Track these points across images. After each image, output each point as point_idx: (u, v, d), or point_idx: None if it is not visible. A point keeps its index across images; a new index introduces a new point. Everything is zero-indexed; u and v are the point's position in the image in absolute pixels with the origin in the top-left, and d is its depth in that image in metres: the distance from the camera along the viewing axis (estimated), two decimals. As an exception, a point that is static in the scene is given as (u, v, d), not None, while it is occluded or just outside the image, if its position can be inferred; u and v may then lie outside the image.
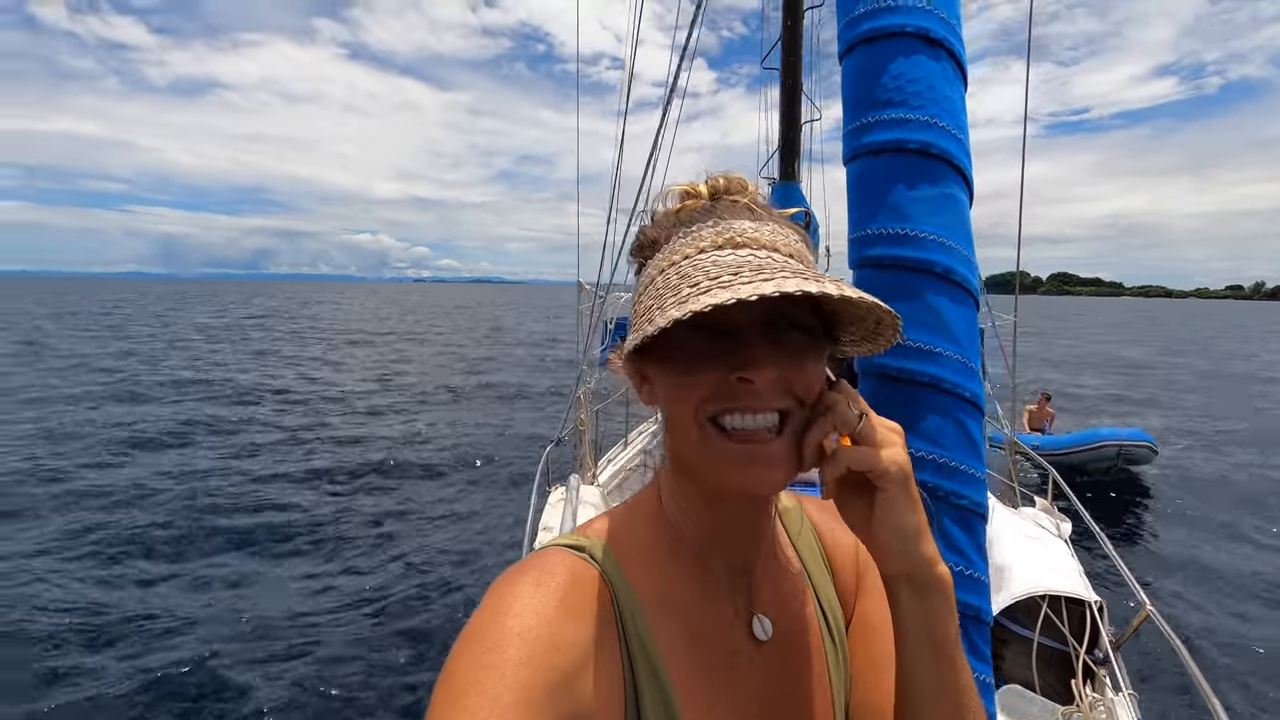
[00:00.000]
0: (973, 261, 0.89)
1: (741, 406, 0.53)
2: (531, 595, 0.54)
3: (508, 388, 19.60)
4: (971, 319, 0.87)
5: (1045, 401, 12.28)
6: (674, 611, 0.62)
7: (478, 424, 14.61)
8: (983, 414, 0.86)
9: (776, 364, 0.53)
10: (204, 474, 10.22)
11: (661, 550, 0.64)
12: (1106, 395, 19.75)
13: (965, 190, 0.91)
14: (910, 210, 0.88)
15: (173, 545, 7.66)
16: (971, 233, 0.90)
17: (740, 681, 0.63)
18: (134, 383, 18.39)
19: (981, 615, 0.78)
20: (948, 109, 0.91)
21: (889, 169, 0.90)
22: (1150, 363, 30.16)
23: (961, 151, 0.90)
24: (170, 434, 12.68)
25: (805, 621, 0.71)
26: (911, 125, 0.89)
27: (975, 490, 0.80)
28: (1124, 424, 11.92)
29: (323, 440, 12.65)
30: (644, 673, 0.58)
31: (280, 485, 9.91)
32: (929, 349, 0.82)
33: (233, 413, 14.86)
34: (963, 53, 0.95)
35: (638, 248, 0.65)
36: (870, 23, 0.94)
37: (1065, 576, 2.89)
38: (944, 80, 0.91)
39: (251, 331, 38.59)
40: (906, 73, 0.91)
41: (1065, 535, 3.42)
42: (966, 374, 0.83)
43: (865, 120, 0.94)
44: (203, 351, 26.92)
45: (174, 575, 6.93)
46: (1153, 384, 22.80)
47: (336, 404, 16.55)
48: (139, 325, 41.97)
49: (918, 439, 0.81)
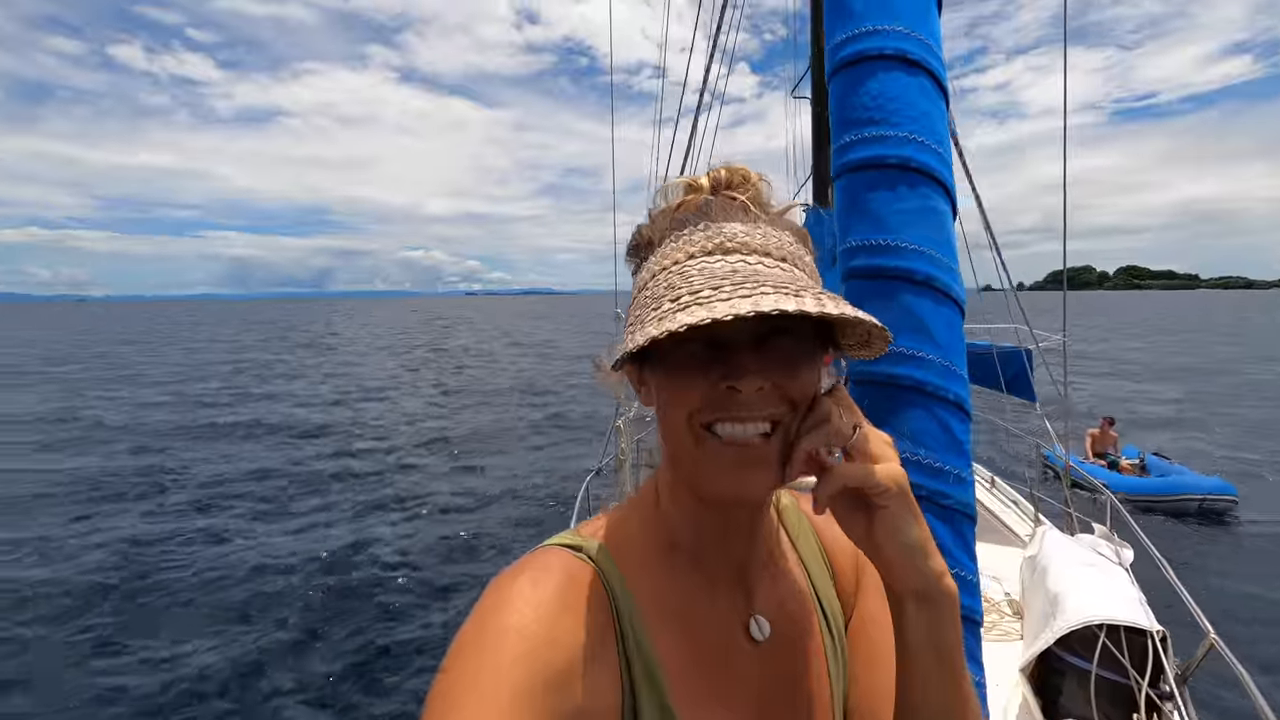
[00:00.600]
0: (955, 269, 0.91)
1: (731, 416, 0.53)
2: (529, 593, 0.54)
3: (548, 409, 19.81)
4: (955, 323, 0.89)
5: (1109, 426, 11.51)
6: (670, 611, 0.61)
7: (519, 449, 14.88)
8: (969, 417, 0.87)
9: (767, 372, 0.52)
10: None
11: (658, 550, 0.64)
12: (1167, 408, 18.24)
13: (947, 201, 0.94)
14: (892, 222, 0.91)
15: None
16: (954, 241, 0.93)
17: (738, 681, 0.63)
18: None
19: (973, 616, 0.78)
20: (927, 125, 0.94)
21: (871, 183, 0.94)
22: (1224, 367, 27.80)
23: (942, 165, 0.93)
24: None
25: (804, 621, 0.70)
26: (891, 141, 0.93)
27: (961, 491, 0.81)
28: (1191, 463, 11.06)
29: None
30: (640, 671, 0.57)
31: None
32: (912, 353, 0.84)
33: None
34: (942, 71, 0.98)
35: (634, 248, 0.63)
36: (851, 47, 0.99)
37: (1125, 605, 2.72)
38: (923, 97, 0.95)
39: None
40: (886, 92, 0.95)
41: (1126, 563, 3.23)
42: (950, 377, 0.85)
43: (849, 139, 0.98)
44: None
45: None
46: (1219, 393, 20.97)
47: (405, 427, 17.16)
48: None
49: (903, 441, 0.83)
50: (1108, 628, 2.59)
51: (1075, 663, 2.64)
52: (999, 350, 5.21)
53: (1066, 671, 2.67)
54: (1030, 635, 2.88)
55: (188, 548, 8.61)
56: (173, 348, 45.21)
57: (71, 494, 10.97)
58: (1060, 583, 2.89)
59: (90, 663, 5.85)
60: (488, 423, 17.50)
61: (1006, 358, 4.99)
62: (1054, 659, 2.72)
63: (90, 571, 7.76)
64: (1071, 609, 2.67)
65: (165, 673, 5.69)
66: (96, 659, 5.94)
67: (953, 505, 0.80)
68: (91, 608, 6.88)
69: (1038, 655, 2.71)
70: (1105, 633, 2.57)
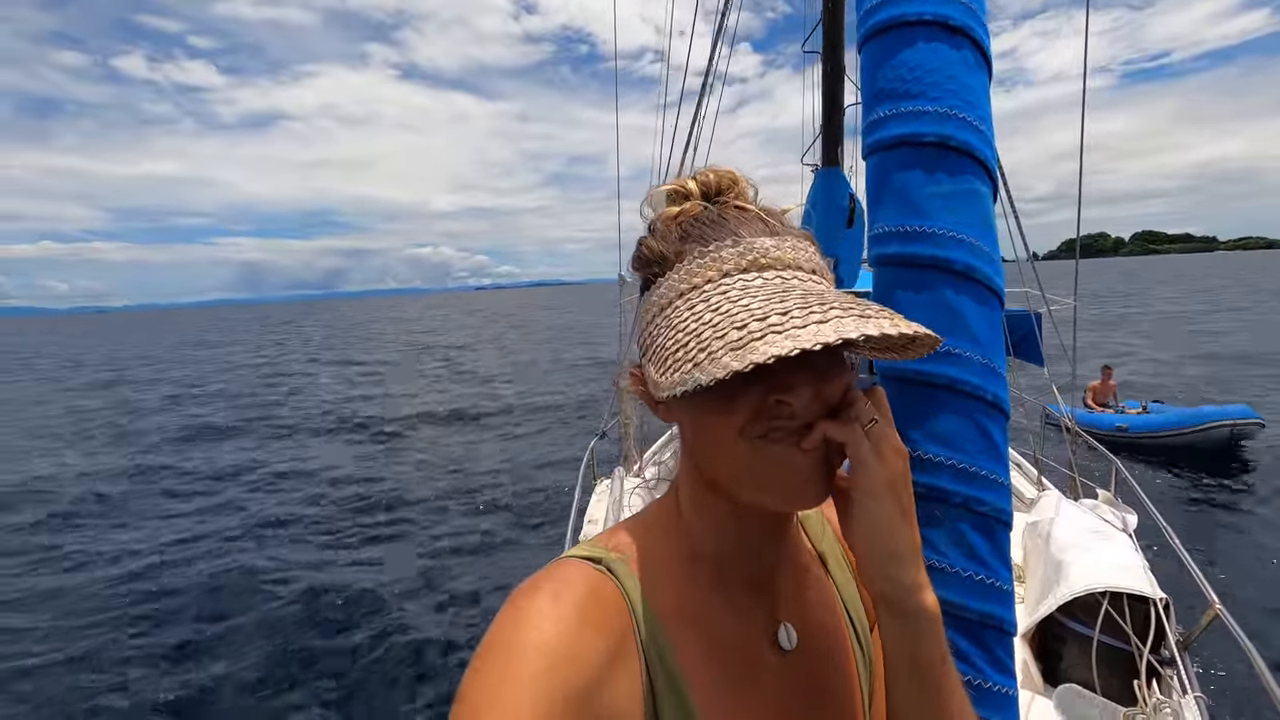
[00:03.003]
0: (996, 258, 0.85)
1: (781, 427, 0.53)
2: (549, 607, 0.53)
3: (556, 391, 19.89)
4: (994, 318, 0.84)
5: (1108, 375, 11.58)
6: (694, 623, 0.61)
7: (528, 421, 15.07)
8: (1006, 417, 0.82)
9: (811, 383, 0.53)
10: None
11: (680, 561, 0.64)
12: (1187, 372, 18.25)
13: (988, 183, 0.87)
14: (928, 206, 0.85)
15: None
16: (995, 227, 0.87)
17: (764, 692, 0.62)
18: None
19: (1005, 626, 0.76)
20: (969, 99, 0.87)
21: (905, 163, 0.87)
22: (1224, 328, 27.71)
23: (983, 143, 0.86)
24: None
25: (832, 628, 0.70)
26: (929, 117, 0.86)
27: (997, 496, 0.77)
28: (1217, 402, 10.96)
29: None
30: (663, 686, 0.57)
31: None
32: (948, 350, 0.79)
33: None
34: (986, 39, 0.90)
35: (643, 263, 0.62)
36: (886, 11, 0.91)
37: (1128, 572, 2.74)
38: (965, 69, 0.87)
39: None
40: (925, 63, 0.87)
41: (1130, 528, 3.24)
42: (988, 376, 0.80)
43: (882, 114, 0.91)
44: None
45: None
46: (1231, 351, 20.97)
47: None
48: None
49: (936, 444, 0.78)
50: (1110, 595, 2.62)
51: (1077, 629, 2.68)
52: (1007, 314, 5.15)
53: (1067, 637, 2.71)
54: (1032, 601, 2.91)
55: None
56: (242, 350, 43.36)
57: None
58: (1063, 549, 2.90)
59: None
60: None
61: (1015, 321, 4.92)
62: (1055, 625, 2.76)
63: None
64: (1075, 576, 2.69)
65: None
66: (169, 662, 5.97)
67: (988, 512, 0.76)
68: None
69: (1039, 621, 2.75)
70: (1108, 600, 2.60)
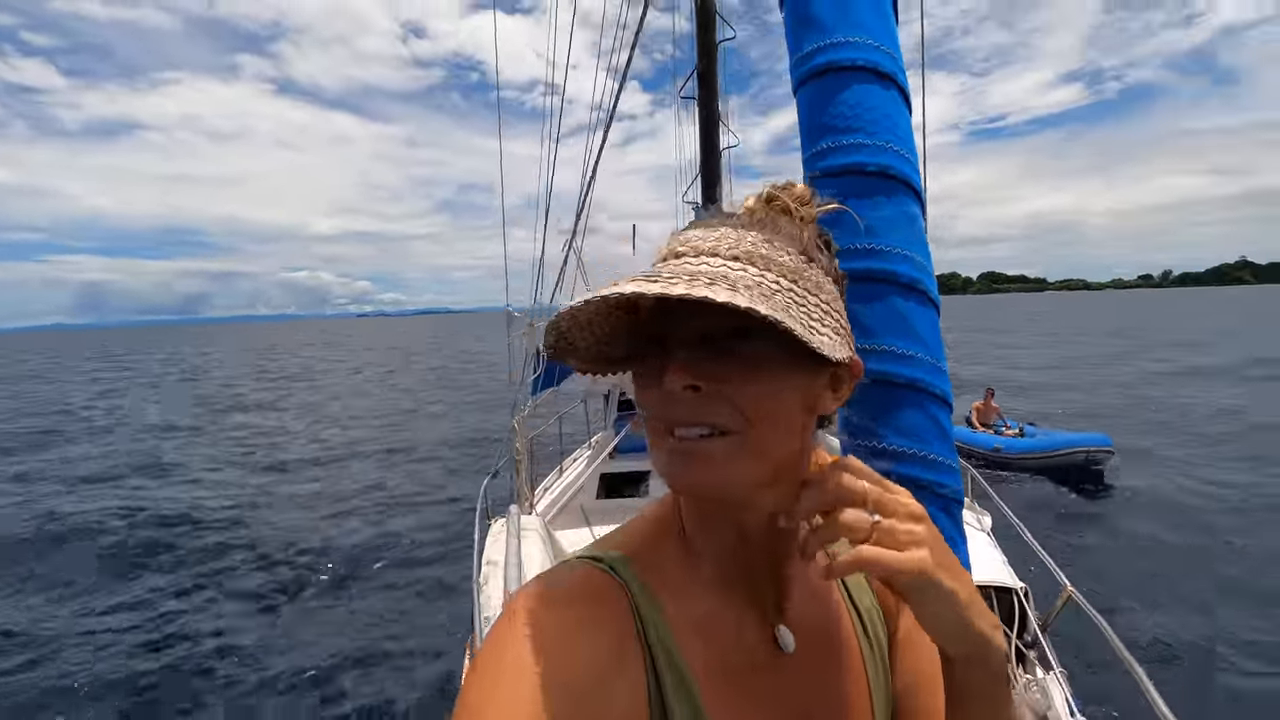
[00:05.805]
0: (931, 271, 0.98)
1: (678, 420, 0.52)
2: (550, 608, 0.52)
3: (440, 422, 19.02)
4: (935, 323, 0.96)
5: (990, 397, 12.13)
6: (695, 620, 0.60)
7: (419, 459, 14.25)
8: (951, 409, 0.94)
9: (700, 370, 0.51)
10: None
11: (680, 561, 0.62)
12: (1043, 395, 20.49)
13: (919, 207, 1.01)
14: (875, 227, 0.96)
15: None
16: (928, 245, 0.99)
17: (765, 695, 0.61)
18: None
19: None
20: (900, 135, 1.00)
21: (852, 190, 0.98)
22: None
23: (914, 173, 1.00)
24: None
25: (836, 631, 0.68)
26: (870, 150, 0.98)
27: (953, 479, 0.88)
28: (1073, 428, 12.10)
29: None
30: (671, 682, 0.55)
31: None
32: (904, 353, 0.89)
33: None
34: (907, 85, 1.05)
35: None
36: (823, 57, 1.03)
37: (990, 566, 3.09)
38: (895, 109, 1.01)
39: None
40: (863, 102, 1.00)
41: (986, 528, 3.66)
42: (937, 374, 0.91)
43: (824, 145, 1.02)
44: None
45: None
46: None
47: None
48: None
49: (902, 436, 0.87)
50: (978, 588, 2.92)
51: None
52: None
53: None
54: None
55: None
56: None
57: None
58: None
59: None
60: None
61: None
62: None
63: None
64: None
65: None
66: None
67: (948, 494, 0.86)
68: None
69: None
70: None
